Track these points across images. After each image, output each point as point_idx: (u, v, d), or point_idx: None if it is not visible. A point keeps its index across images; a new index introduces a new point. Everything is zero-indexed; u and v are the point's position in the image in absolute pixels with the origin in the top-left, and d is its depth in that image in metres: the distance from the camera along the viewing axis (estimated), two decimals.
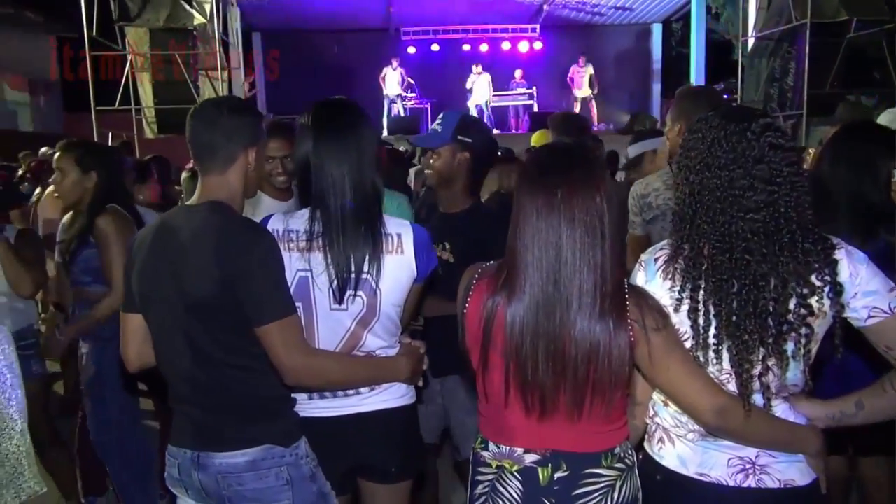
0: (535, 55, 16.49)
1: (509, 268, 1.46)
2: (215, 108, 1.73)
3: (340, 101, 1.90)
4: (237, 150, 1.71)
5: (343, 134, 1.78)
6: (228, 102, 1.80)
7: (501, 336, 1.45)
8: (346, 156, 1.76)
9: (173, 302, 1.65)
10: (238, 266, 1.59)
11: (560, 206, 1.40)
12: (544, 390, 1.43)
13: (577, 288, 1.40)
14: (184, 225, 1.68)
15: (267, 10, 15.08)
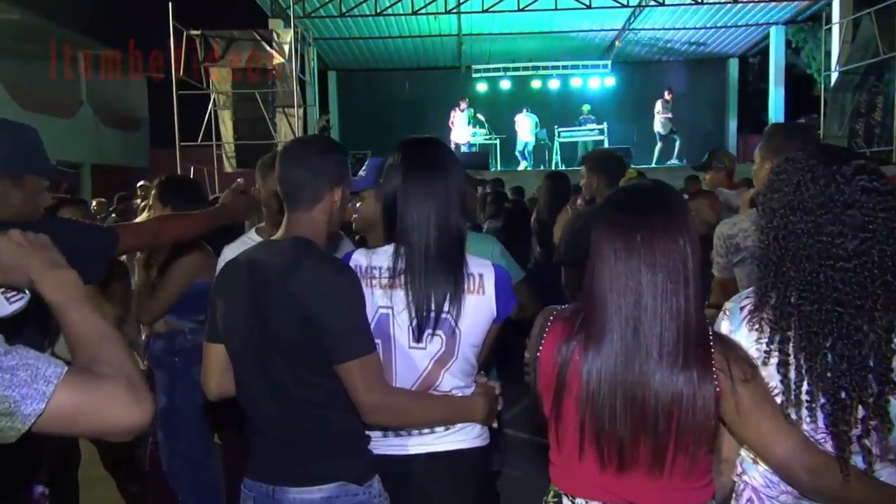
0: (606, 91, 16.42)
1: (586, 312, 1.40)
2: (305, 147, 1.76)
3: (430, 139, 1.90)
4: (325, 189, 1.72)
5: (431, 172, 1.77)
6: (318, 141, 1.83)
7: (577, 383, 1.39)
8: (432, 194, 1.75)
9: (255, 335, 1.66)
10: (320, 302, 1.60)
11: (640, 250, 1.34)
12: (622, 442, 1.35)
13: (659, 336, 1.33)
14: (268, 259, 1.69)
15: (342, 50, 15.63)
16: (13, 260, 1.11)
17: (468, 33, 14.59)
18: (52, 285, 1.09)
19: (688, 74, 17.35)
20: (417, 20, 13.72)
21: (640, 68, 17.17)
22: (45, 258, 1.12)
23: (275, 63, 11.13)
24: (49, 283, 1.10)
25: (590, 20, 14.25)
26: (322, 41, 14.48)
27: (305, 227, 1.73)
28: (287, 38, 11.18)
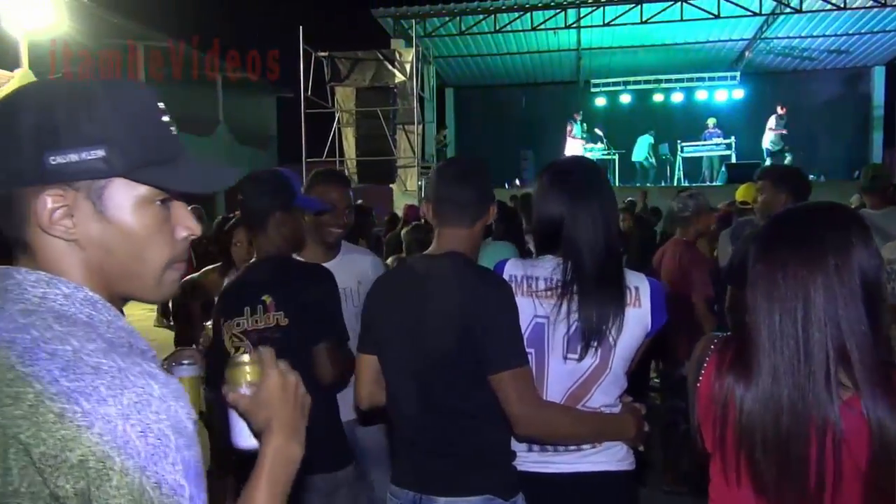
0: (733, 104, 15.61)
1: (745, 342, 1.29)
2: (469, 167, 1.84)
3: (583, 158, 2.02)
4: (485, 207, 1.80)
5: (596, 190, 1.81)
6: (476, 162, 1.89)
7: (734, 416, 1.27)
8: (600, 211, 1.78)
9: (410, 346, 1.71)
10: (476, 314, 1.63)
11: (805, 278, 1.21)
12: (781, 476, 1.22)
13: (826, 368, 1.20)
14: (425, 273, 1.75)
15: (460, 67, 15.84)
16: (270, 401, 0.95)
17: (587, 47, 14.38)
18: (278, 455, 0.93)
19: (827, 84, 16.19)
20: (536, 35, 13.68)
21: (772, 79, 16.22)
22: (297, 424, 0.97)
23: (396, 81, 11.44)
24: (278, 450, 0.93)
25: (718, 30, 13.65)
26: (441, 59, 14.74)
27: (463, 242, 1.78)
28: (409, 58, 11.47)
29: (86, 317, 0.77)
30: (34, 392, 0.69)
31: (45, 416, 0.68)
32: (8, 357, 0.71)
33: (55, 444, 0.68)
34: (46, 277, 0.77)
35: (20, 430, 0.68)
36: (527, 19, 12.77)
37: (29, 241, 0.79)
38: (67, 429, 0.68)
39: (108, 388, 0.70)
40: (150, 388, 0.72)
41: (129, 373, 0.71)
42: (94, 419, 0.68)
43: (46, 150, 0.75)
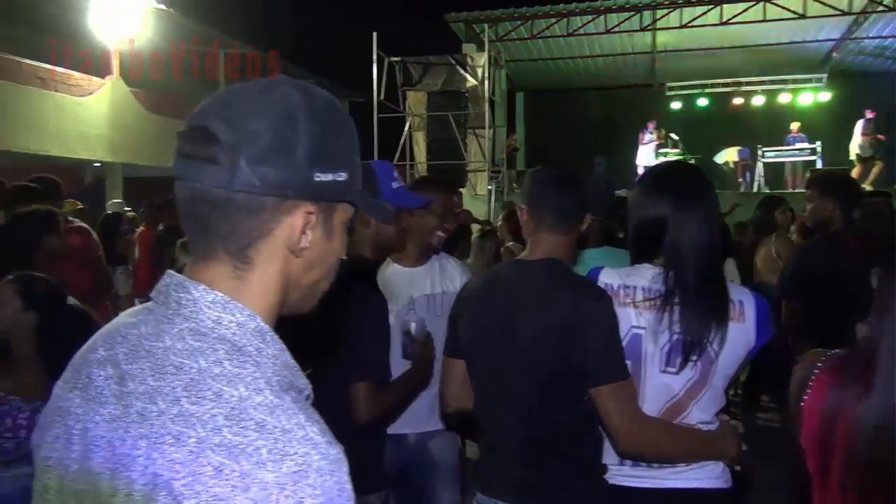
0: (819, 107, 14.88)
1: (866, 359, 1.19)
2: (568, 173, 1.81)
3: (688, 164, 2.00)
4: (582, 216, 1.79)
5: (702, 197, 1.76)
6: (571, 170, 1.85)
7: (844, 439, 1.19)
8: (705, 219, 1.72)
9: (502, 353, 1.69)
10: (575, 324, 1.60)
11: None
12: None
13: None
14: (518, 279, 1.74)
15: (531, 71, 15.71)
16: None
17: (663, 49, 14.01)
18: None
19: None
20: (609, 38, 13.42)
21: (862, 81, 15.36)
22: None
23: (468, 86, 11.45)
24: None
25: (802, 31, 13.05)
26: (512, 63, 14.65)
27: (559, 249, 1.76)
28: (480, 62, 11.47)
29: (254, 349, 0.74)
30: (196, 438, 0.66)
31: (203, 468, 0.65)
32: (174, 387, 0.69)
33: (207, 500, 0.64)
34: (223, 300, 0.75)
35: (175, 477, 0.65)
36: (600, 22, 12.54)
37: (249, 252, 0.76)
38: (222, 487, 0.64)
39: (269, 452, 0.65)
40: (310, 457, 0.66)
41: (292, 437, 0.67)
42: (251, 483, 0.64)
43: (315, 167, 0.75)
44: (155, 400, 0.68)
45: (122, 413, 0.70)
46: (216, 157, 0.71)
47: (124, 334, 0.76)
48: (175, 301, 0.75)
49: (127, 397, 0.70)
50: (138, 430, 0.68)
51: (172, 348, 0.71)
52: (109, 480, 0.68)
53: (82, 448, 0.72)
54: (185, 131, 0.74)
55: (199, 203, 0.74)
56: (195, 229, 0.76)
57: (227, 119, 0.73)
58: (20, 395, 2.06)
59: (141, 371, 0.71)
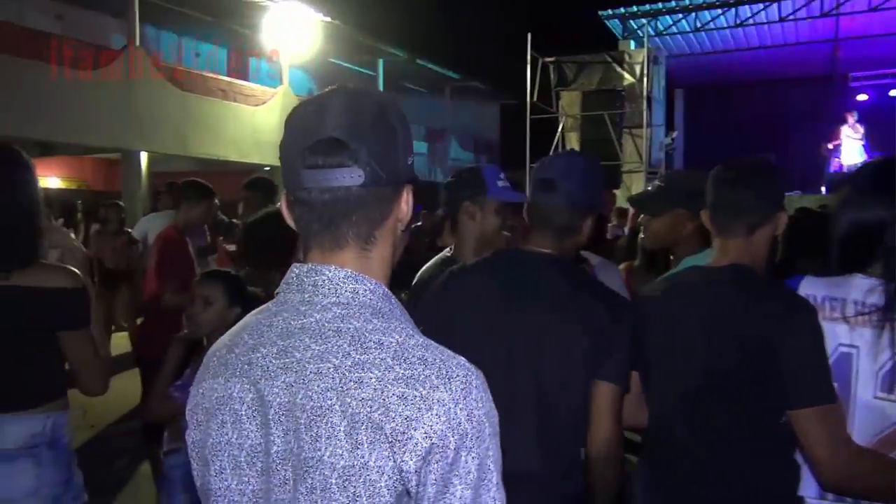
0: None
1: None
2: (746, 167, 1.65)
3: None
4: (766, 214, 1.60)
5: None
6: (756, 163, 1.68)
7: None
8: None
9: (686, 368, 1.56)
10: (778, 339, 1.44)
11: None
12: None
13: None
14: (703, 288, 1.60)
15: (693, 67, 14.88)
16: None
17: (847, 37, 12.69)
18: None
19: None
20: (783, 27, 12.37)
21: None
22: None
23: (624, 84, 11.05)
24: None
25: None
26: (673, 58, 13.96)
27: (744, 253, 1.60)
28: (638, 58, 11.05)
29: (388, 309, 0.87)
30: (375, 377, 0.79)
31: (390, 399, 0.78)
32: (341, 345, 0.81)
33: (402, 422, 0.77)
34: (353, 275, 0.87)
35: (371, 410, 0.77)
36: (773, 10, 11.60)
37: (375, 233, 0.89)
38: (410, 409, 0.77)
39: (437, 378, 0.79)
40: (469, 378, 0.81)
41: (450, 364, 0.81)
42: (432, 403, 0.78)
43: (405, 154, 0.90)
44: (326, 359, 0.81)
45: (296, 378, 0.82)
46: (349, 162, 0.84)
47: (267, 323, 0.88)
48: (311, 284, 0.87)
49: (295, 365, 0.82)
50: (320, 385, 0.80)
51: (323, 319, 0.84)
52: (309, 430, 0.79)
53: (262, 419, 0.83)
54: (311, 146, 0.85)
55: (338, 204, 0.85)
56: (325, 226, 0.87)
57: (346, 127, 0.84)
58: None
59: (301, 342, 0.83)
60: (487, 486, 0.79)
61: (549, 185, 1.64)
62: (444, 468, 0.77)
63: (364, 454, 0.77)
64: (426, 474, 0.77)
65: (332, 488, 0.78)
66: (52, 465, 1.83)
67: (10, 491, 1.78)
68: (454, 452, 0.77)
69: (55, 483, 1.83)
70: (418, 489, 0.77)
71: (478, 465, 0.79)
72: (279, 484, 0.82)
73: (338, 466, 0.77)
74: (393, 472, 0.76)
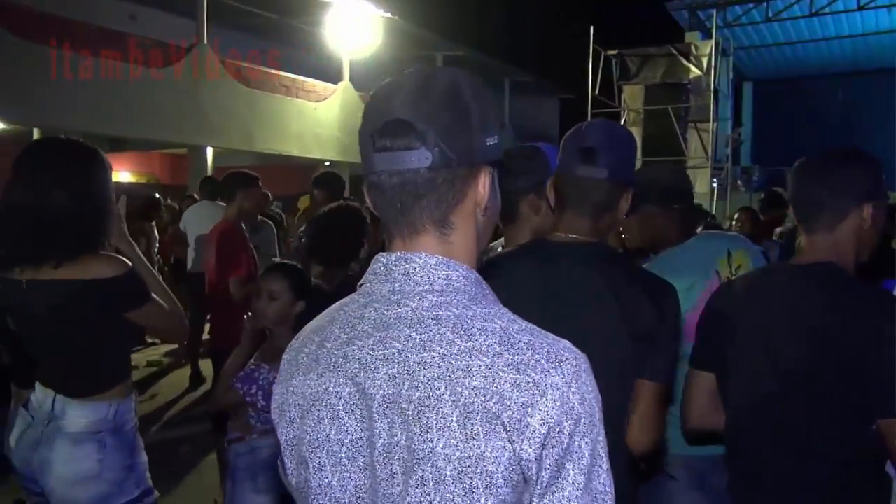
0: None
1: None
2: (827, 159, 1.56)
3: None
4: (848, 206, 1.50)
5: None
6: (842, 152, 1.58)
7: None
8: None
9: (766, 371, 1.49)
10: (861, 342, 1.37)
11: None
12: None
13: None
14: (787, 286, 1.52)
15: (761, 59, 14.35)
16: None
17: None
18: None
19: None
20: (862, 15, 11.77)
21: None
22: None
23: (690, 77, 10.72)
24: None
25: None
26: (741, 50, 13.47)
27: (829, 250, 1.51)
28: (706, 51, 10.69)
29: (482, 295, 0.84)
30: (484, 364, 0.76)
31: (502, 386, 0.75)
32: (443, 333, 0.79)
33: (518, 409, 0.74)
34: (444, 261, 0.84)
35: (486, 399, 0.75)
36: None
37: (452, 217, 0.85)
38: (524, 396, 0.75)
39: (548, 362, 0.77)
40: (578, 361, 0.80)
41: (558, 348, 0.79)
42: (546, 387, 0.76)
43: (484, 134, 0.84)
44: (430, 348, 0.78)
45: (399, 369, 0.79)
46: (415, 144, 0.81)
47: (358, 315, 0.85)
48: (401, 273, 0.84)
49: (397, 356, 0.79)
50: (426, 375, 0.77)
51: (420, 308, 0.81)
52: (418, 422, 0.76)
53: (364, 412, 0.80)
54: (380, 128, 0.82)
55: (407, 187, 0.83)
56: (401, 212, 0.84)
57: (413, 108, 0.81)
58: None
59: (399, 332, 0.80)
60: (598, 472, 0.78)
61: (590, 156, 1.48)
62: (559, 453, 0.75)
63: (480, 444, 0.74)
64: (543, 459, 0.75)
65: (447, 480, 0.75)
66: (116, 450, 1.88)
67: (74, 473, 1.83)
68: (569, 437, 0.75)
69: (118, 468, 1.88)
70: (536, 475, 0.76)
71: (591, 450, 0.77)
72: (386, 478, 0.79)
73: (452, 458, 0.75)
74: (510, 462, 0.74)
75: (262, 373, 2.25)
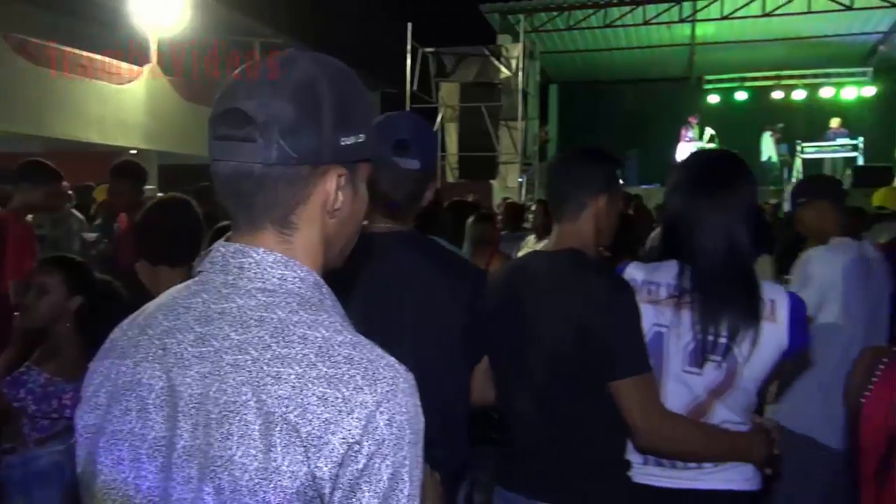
0: (862, 102, 14.49)
1: None
2: (569, 157, 1.77)
3: (721, 152, 1.85)
4: (586, 197, 1.68)
5: (726, 187, 1.67)
6: (582, 151, 1.79)
7: None
8: (728, 212, 1.64)
9: (524, 345, 1.64)
10: (596, 316, 1.55)
11: None
12: None
13: None
14: (541, 271, 1.69)
15: (565, 63, 15.57)
16: None
17: (702, 42, 13.76)
18: None
19: None
20: (647, 30, 13.22)
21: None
22: None
23: (501, 77, 11.38)
24: None
25: (848, 23, 12.69)
26: (547, 55, 14.52)
27: (575, 238, 1.69)
28: (515, 53, 11.39)
29: (318, 300, 0.81)
30: (295, 374, 0.73)
31: (309, 399, 0.72)
32: (262, 337, 0.75)
33: (320, 425, 0.71)
34: (283, 259, 0.80)
35: (288, 410, 0.72)
36: (639, 13, 12.37)
37: (292, 218, 0.81)
38: (329, 412, 0.72)
39: (363, 378, 0.74)
40: (397, 380, 0.76)
41: (378, 365, 0.76)
42: (354, 405, 0.72)
43: (340, 132, 0.79)
44: (245, 350, 0.75)
45: (212, 369, 0.75)
46: (253, 136, 0.76)
47: (186, 305, 0.80)
48: (236, 266, 0.80)
49: (212, 355, 0.76)
50: (236, 378, 0.74)
51: (246, 306, 0.77)
52: (220, 427, 0.73)
53: (170, 410, 0.76)
54: (219, 115, 0.79)
55: (242, 180, 0.78)
56: (239, 205, 0.81)
57: (255, 98, 0.77)
58: (63, 377, 2.09)
59: (220, 330, 0.77)
60: (398, 497, 0.73)
61: (404, 148, 1.50)
62: (354, 473, 0.71)
63: (277, 457, 0.71)
64: (338, 479, 0.71)
65: (242, 491, 0.71)
66: None
67: None
68: (367, 458, 0.72)
69: None
70: (329, 495, 0.72)
71: (391, 473, 0.73)
72: (181, 482, 0.75)
73: (250, 468, 0.71)
74: (306, 478, 0.71)
75: (31, 376, 2.09)
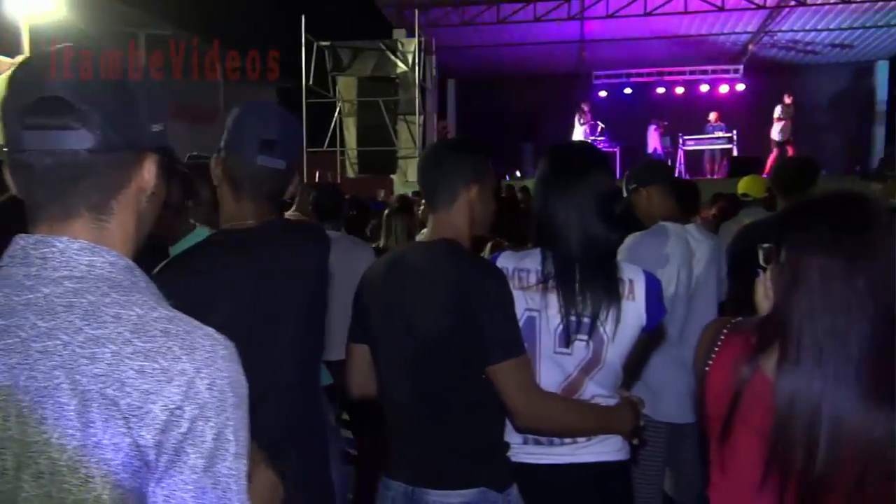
0: (735, 97, 15.55)
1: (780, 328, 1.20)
2: (438, 148, 1.82)
3: (576, 144, 1.97)
4: (456, 187, 1.71)
5: (574, 177, 1.77)
6: (451, 142, 1.86)
7: (761, 409, 1.22)
8: (574, 199, 1.74)
9: (402, 336, 1.67)
10: (471, 303, 1.59)
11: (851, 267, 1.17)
12: (816, 484, 1.18)
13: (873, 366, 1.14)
14: (417, 261, 1.71)
15: (461, 58, 15.74)
16: None
17: (590, 39, 14.30)
18: None
19: (830, 79, 16.11)
20: (539, 26, 13.59)
21: (776, 73, 16.12)
22: None
23: (398, 72, 11.38)
24: None
25: (721, 23, 13.56)
26: (443, 49, 14.64)
27: (449, 228, 1.72)
28: (411, 48, 11.39)
29: (130, 283, 0.83)
30: (110, 352, 0.75)
31: (126, 373, 0.75)
32: (72, 321, 0.76)
33: (139, 396, 0.74)
34: (89, 246, 0.82)
35: (105, 386, 0.74)
36: (530, 10, 12.69)
37: (111, 203, 0.85)
38: (148, 383, 0.75)
39: (180, 349, 0.77)
40: (216, 348, 0.80)
41: (196, 335, 0.80)
42: (173, 374, 0.76)
43: (152, 120, 0.86)
44: (55, 336, 0.75)
45: (20, 359, 0.75)
46: (76, 124, 0.79)
47: None
48: (38, 258, 0.80)
49: (19, 346, 0.76)
50: (47, 364, 0.74)
51: (53, 294, 0.78)
52: (33, 413, 0.73)
53: None
54: (32, 104, 0.79)
55: (63, 168, 0.80)
56: (51, 195, 0.82)
57: (75, 88, 0.79)
58: None
59: (25, 320, 0.77)
60: (224, 455, 0.78)
61: (270, 147, 1.51)
62: (178, 437, 0.75)
63: (97, 432, 0.73)
64: (162, 444, 0.75)
65: (63, 471, 0.73)
66: None
67: None
68: (190, 422, 0.75)
69: None
70: (155, 460, 0.75)
71: (215, 433, 0.77)
72: None
73: (68, 448, 0.73)
74: (130, 448, 0.74)
75: None
